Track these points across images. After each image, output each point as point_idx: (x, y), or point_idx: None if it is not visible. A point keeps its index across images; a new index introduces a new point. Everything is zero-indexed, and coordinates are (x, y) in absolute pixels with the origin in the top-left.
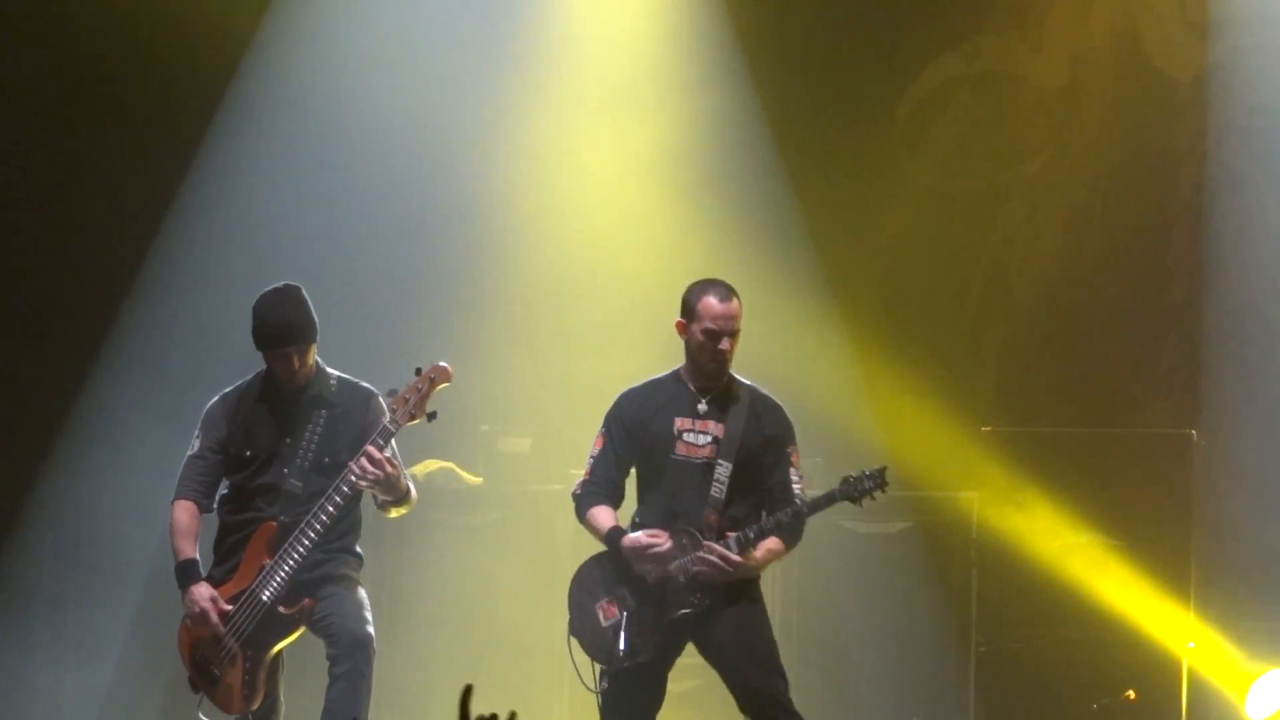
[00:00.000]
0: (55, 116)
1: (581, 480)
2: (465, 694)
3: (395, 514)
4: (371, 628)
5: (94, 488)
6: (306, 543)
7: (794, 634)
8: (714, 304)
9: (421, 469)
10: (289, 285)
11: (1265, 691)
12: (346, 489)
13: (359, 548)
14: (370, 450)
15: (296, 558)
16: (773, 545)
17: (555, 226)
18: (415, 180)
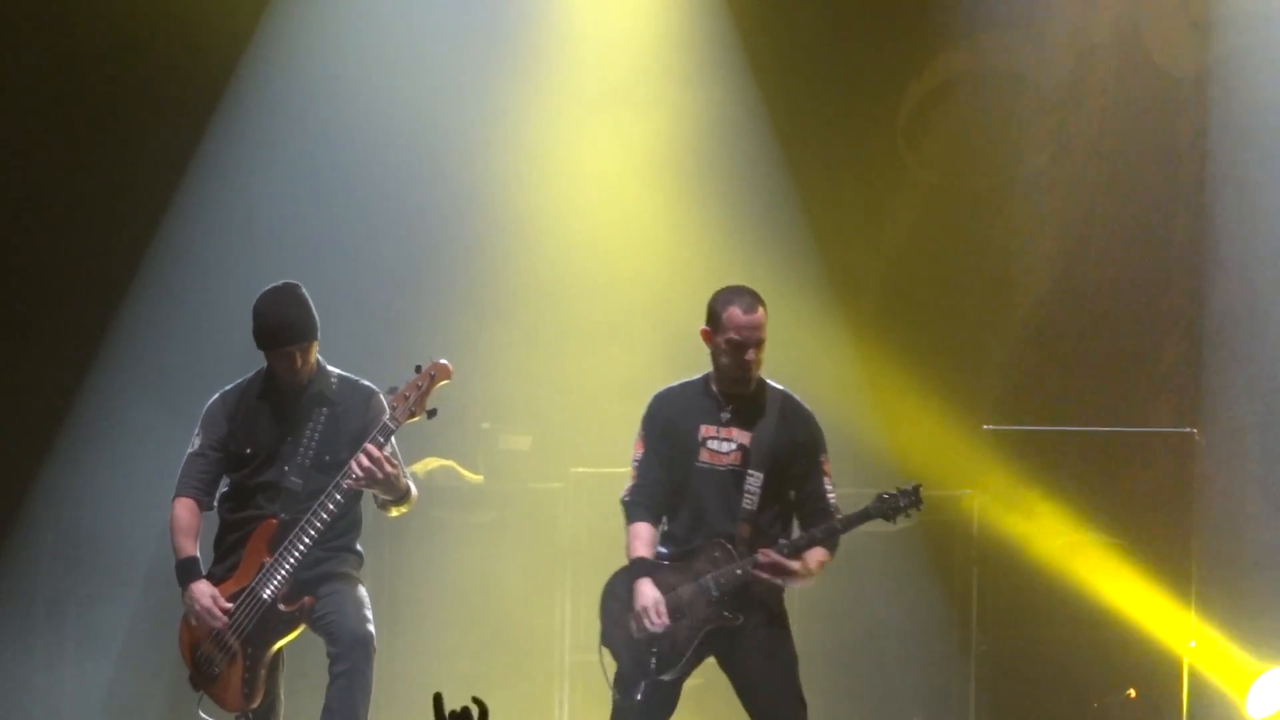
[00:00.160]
0: (55, 116)
1: (630, 486)
2: (437, 700)
3: (396, 513)
4: (372, 626)
5: (94, 486)
6: (307, 540)
7: (794, 633)
8: (738, 314)
9: (422, 467)
10: (289, 283)
11: (1266, 690)
12: (346, 487)
13: (359, 546)
14: (369, 447)
15: (297, 556)
16: (821, 556)
17: (555, 224)
18: (415, 178)
